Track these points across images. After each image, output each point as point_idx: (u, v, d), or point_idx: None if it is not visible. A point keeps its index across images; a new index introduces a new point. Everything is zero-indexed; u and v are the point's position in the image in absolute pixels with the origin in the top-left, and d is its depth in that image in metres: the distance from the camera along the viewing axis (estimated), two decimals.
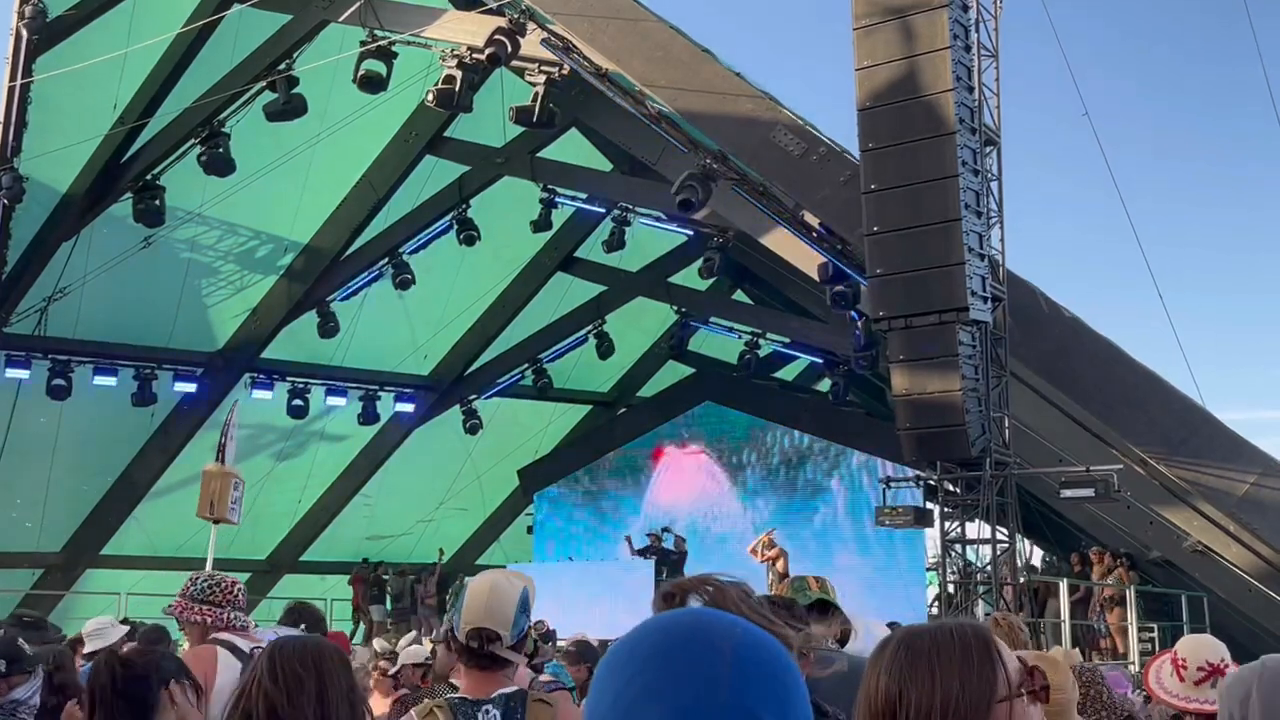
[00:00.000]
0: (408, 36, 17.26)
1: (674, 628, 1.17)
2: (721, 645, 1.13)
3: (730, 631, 1.16)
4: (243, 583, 4.90)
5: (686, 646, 1.14)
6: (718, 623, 1.18)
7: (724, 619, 1.19)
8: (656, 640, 1.16)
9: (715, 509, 25.80)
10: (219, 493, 8.40)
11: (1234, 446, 16.13)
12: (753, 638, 1.16)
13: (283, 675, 2.60)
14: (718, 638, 1.14)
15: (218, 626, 4.50)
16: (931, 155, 13.85)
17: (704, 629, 1.16)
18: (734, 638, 1.15)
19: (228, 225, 21.35)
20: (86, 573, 23.07)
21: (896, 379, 14.61)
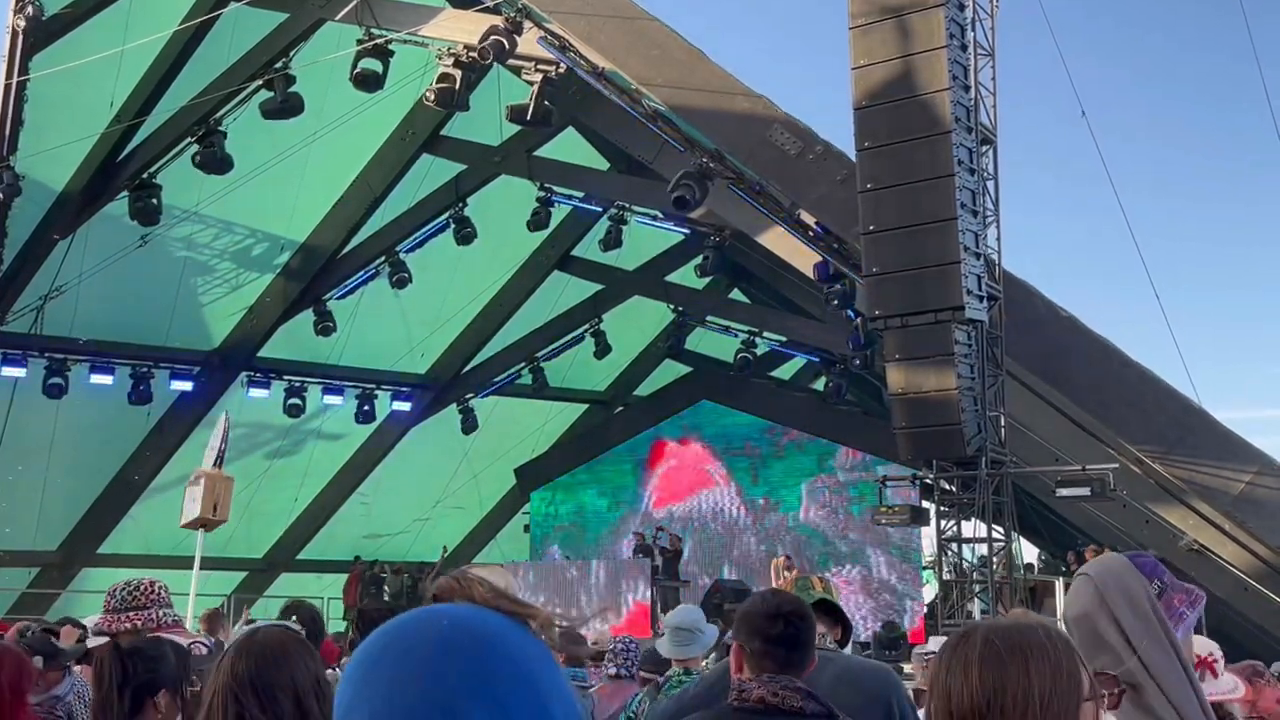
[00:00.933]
0: (404, 35, 17.26)
1: (379, 635, 1.15)
2: (414, 644, 1.11)
3: (433, 626, 1.13)
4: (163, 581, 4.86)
5: (382, 653, 1.12)
6: (422, 621, 1.14)
7: (432, 615, 1.15)
8: (369, 645, 1.14)
9: (711, 507, 25.80)
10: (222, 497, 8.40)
11: (1230, 445, 16.16)
12: (458, 628, 1.13)
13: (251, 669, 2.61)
14: (414, 636, 1.12)
15: (150, 628, 4.42)
16: (928, 154, 13.88)
17: (403, 631, 1.14)
18: (435, 632, 1.12)
19: (224, 224, 21.33)
20: (83, 571, 23.04)
21: (892, 378, 14.63)
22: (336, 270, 22.67)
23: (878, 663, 4.95)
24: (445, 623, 1.13)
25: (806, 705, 2.91)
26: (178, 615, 4.71)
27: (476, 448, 26.37)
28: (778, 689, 2.94)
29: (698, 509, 25.89)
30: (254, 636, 2.68)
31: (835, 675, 3.68)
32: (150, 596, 4.55)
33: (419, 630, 1.13)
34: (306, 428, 24.43)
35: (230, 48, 18.48)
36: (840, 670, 3.76)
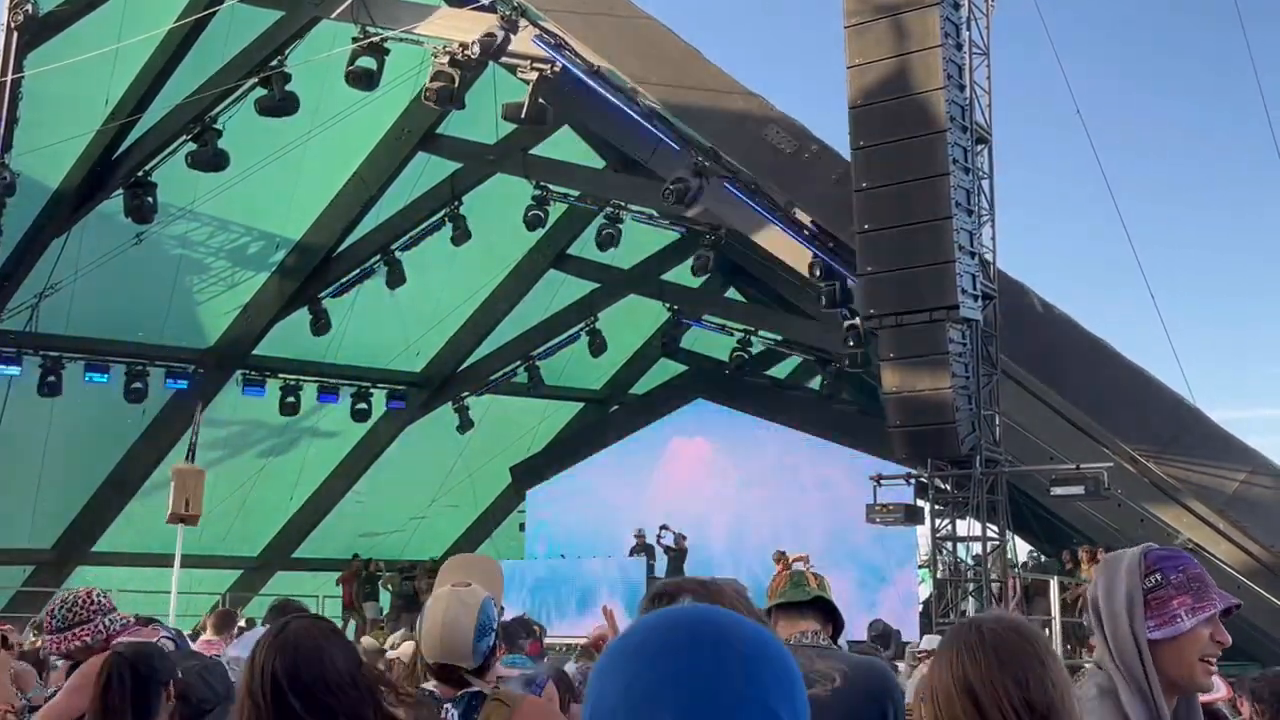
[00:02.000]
0: (400, 33, 17.25)
1: (676, 623, 1.15)
2: (730, 638, 1.12)
3: (736, 626, 1.14)
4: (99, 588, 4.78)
5: (694, 640, 1.12)
6: (721, 617, 1.16)
7: (727, 614, 1.17)
8: (661, 636, 1.14)
9: (707, 506, 25.79)
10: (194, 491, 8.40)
11: (1223, 444, 16.20)
12: (758, 632, 1.15)
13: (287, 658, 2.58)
14: (725, 631, 1.13)
15: (101, 639, 4.36)
16: (922, 153, 13.90)
17: (709, 623, 1.15)
18: (740, 632, 1.14)
19: (219, 222, 21.32)
20: (77, 570, 23.02)
21: (887, 377, 14.64)
22: (332, 269, 22.66)
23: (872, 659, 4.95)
24: (749, 626, 1.16)
25: None
26: (125, 619, 4.62)
27: (472, 446, 26.37)
28: None
29: (693, 508, 25.87)
30: (283, 632, 2.65)
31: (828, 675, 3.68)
32: (91, 608, 4.45)
33: (730, 628, 1.14)
34: (301, 426, 24.42)
35: (226, 45, 18.46)
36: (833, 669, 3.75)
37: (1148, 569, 2.36)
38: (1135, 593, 2.33)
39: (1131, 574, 2.35)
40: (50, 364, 20.48)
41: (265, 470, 23.74)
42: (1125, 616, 2.32)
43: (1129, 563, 2.39)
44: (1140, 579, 2.34)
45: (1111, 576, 2.40)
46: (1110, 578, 2.40)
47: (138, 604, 15.09)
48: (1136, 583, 2.34)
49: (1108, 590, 2.38)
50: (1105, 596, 2.38)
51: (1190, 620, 2.32)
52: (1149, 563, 2.37)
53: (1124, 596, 2.34)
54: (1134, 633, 2.30)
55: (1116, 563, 2.43)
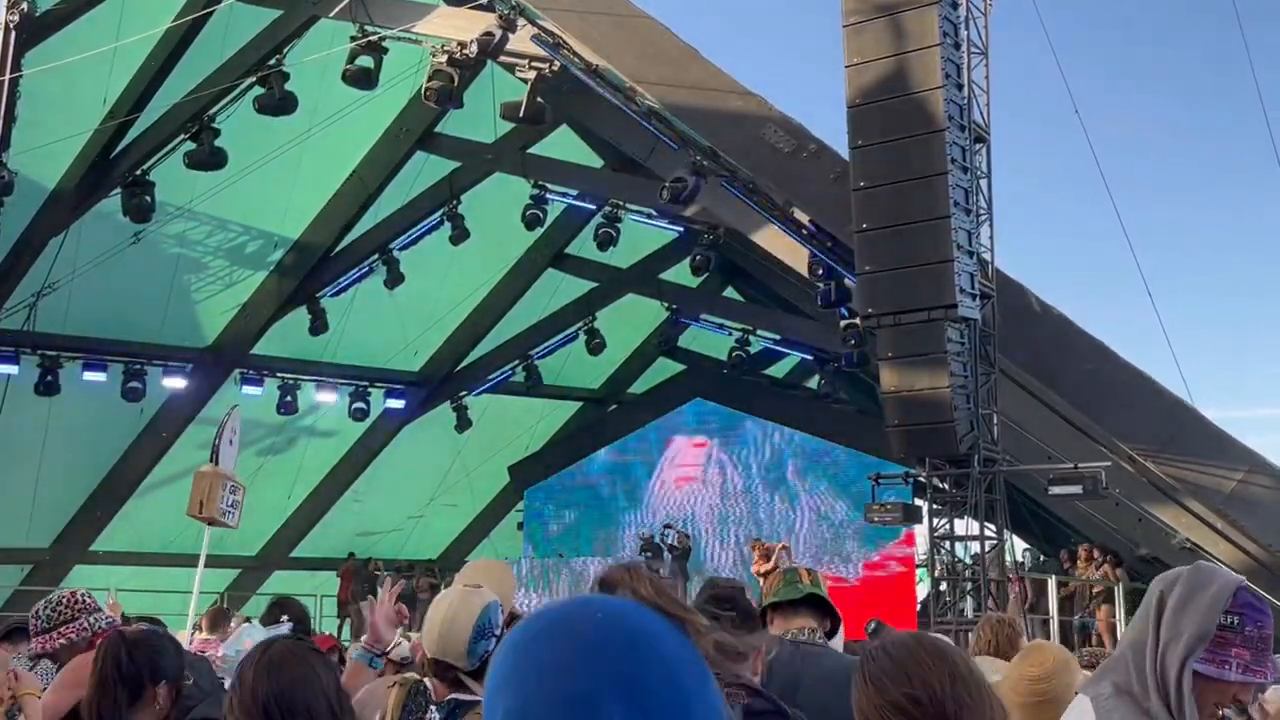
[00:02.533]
0: (398, 32, 17.24)
1: (539, 617, 1.15)
2: (576, 629, 1.11)
3: (592, 615, 1.12)
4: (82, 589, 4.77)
5: (544, 634, 1.12)
6: (584, 608, 1.14)
7: (593, 603, 1.15)
8: (521, 631, 1.14)
9: (706, 505, 25.81)
10: (208, 493, 8.38)
11: (1221, 444, 16.21)
12: (616, 619, 1.12)
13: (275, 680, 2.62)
14: (576, 623, 1.12)
15: (86, 638, 4.36)
16: (921, 152, 13.90)
17: (565, 615, 1.14)
18: (594, 621, 1.11)
19: (217, 221, 21.30)
20: (75, 569, 22.99)
21: (885, 376, 14.65)
22: (330, 268, 22.65)
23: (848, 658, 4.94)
24: (600, 615, 1.13)
25: (753, 703, 2.90)
26: (109, 618, 4.61)
27: (470, 445, 26.36)
28: (722, 686, 2.92)
29: (690, 507, 25.89)
30: (269, 653, 2.67)
31: (820, 675, 3.67)
32: (76, 608, 4.45)
33: (576, 619, 1.13)
34: (300, 425, 24.41)
35: (224, 44, 18.45)
36: (826, 670, 3.74)
37: (1232, 606, 2.32)
38: (1209, 626, 2.30)
39: (1215, 605, 2.32)
40: (48, 363, 20.47)
41: (263, 469, 23.71)
42: (1185, 642, 2.29)
43: (1218, 591, 2.33)
44: (1221, 613, 2.31)
45: (1193, 592, 2.35)
46: (1191, 593, 2.35)
47: (136, 603, 15.07)
48: (1215, 616, 2.31)
49: (1183, 603, 2.34)
50: (1177, 607, 2.35)
51: (1236, 675, 2.30)
52: (1235, 603, 2.33)
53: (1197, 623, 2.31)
54: (1185, 660, 2.28)
55: (1206, 581, 2.36)
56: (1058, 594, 16.15)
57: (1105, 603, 17.04)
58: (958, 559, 15.89)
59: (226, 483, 8.64)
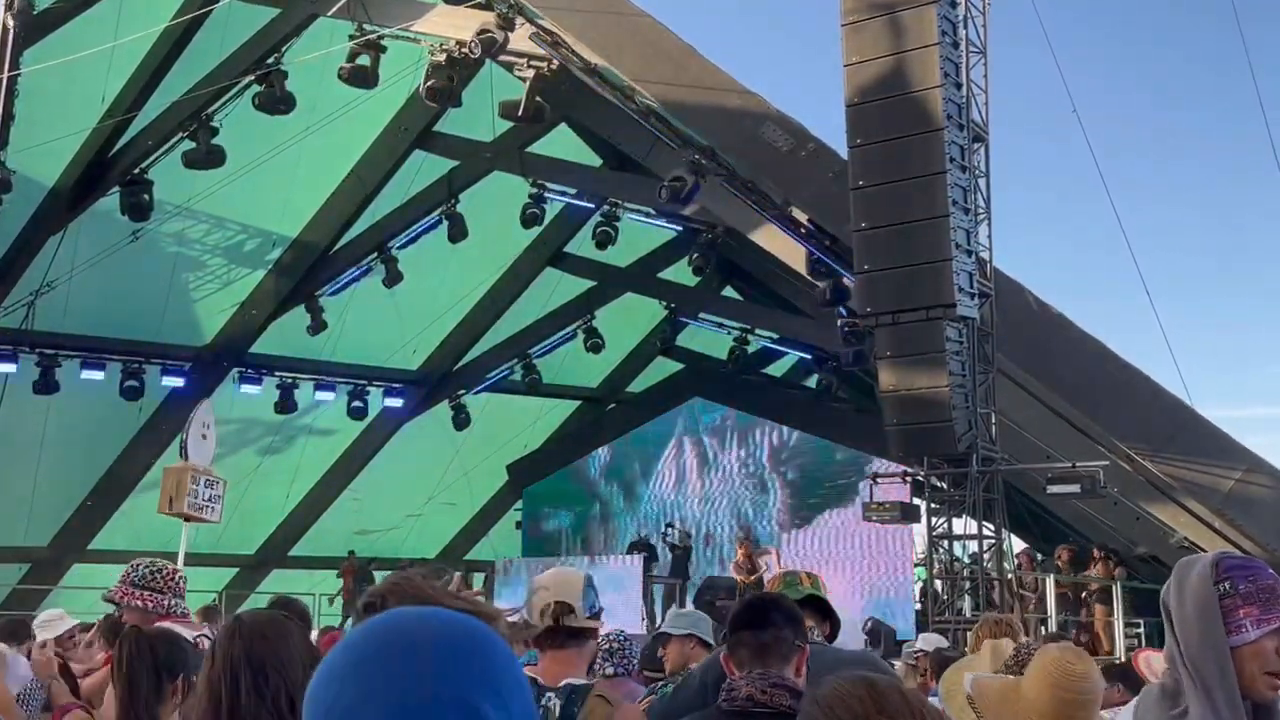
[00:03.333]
0: (396, 31, 17.24)
1: (368, 635, 1.15)
2: (419, 639, 1.13)
3: (424, 625, 1.15)
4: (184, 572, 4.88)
5: (382, 651, 1.12)
6: (410, 620, 1.17)
7: (417, 614, 1.19)
8: (354, 652, 1.14)
9: (704, 504, 25.82)
10: (177, 489, 8.35)
11: (1219, 443, 16.21)
12: (449, 626, 1.16)
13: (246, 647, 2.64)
14: (412, 635, 1.14)
15: (158, 613, 4.46)
16: (919, 151, 13.90)
17: (397, 629, 1.15)
18: (429, 630, 1.14)
19: (216, 219, 21.30)
20: (74, 567, 23.01)
21: (884, 375, 14.66)
22: (328, 266, 22.65)
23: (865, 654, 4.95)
24: (438, 622, 1.15)
25: (797, 704, 2.82)
26: (185, 608, 4.74)
27: (468, 444, 26.36)
28: (766, 686, 2.89)
29: (688, 506, 25.90)
30: (241, 618, 2.72)
31: (819, 669, 3.68)
32: (168, 583, 4.61)
33: (419, 629, 1.15)
34: (298, 424, 24.41)
35: (222, 43, 18.44)
36: (828, 665, 3.75)
37: (1218, 576, 2.36)
38: (1210, 600, 2.33)
39: (1204, 581, 2.36)
40: (46, 361, 20.47)
41: (262, 468, 23.73)
42: (1197, 623, 2.33)
43: (1200, 569, 2.39)
44: (1211, 585, 2.35)
45: (1182, 581, 2.42)
46: (1181, 583, 2.42)
47: None
48: (1210, 589, 2.35)
49: (1179, 597, 2.40)
50: (1177, 603, 2.40)
51: (1255, 631, 2.31)
52: (1220, 570, 2.37)
53: (1197, 603, 2.35)
54: (1213, 640, 2.31)
55: (1188, 568, 2.43)
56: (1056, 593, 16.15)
57: (1101, 602, 17.04)
58: (955, 558, 15.90)
59: (201, 477, 8.58)
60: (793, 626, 3.12)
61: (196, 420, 8.88)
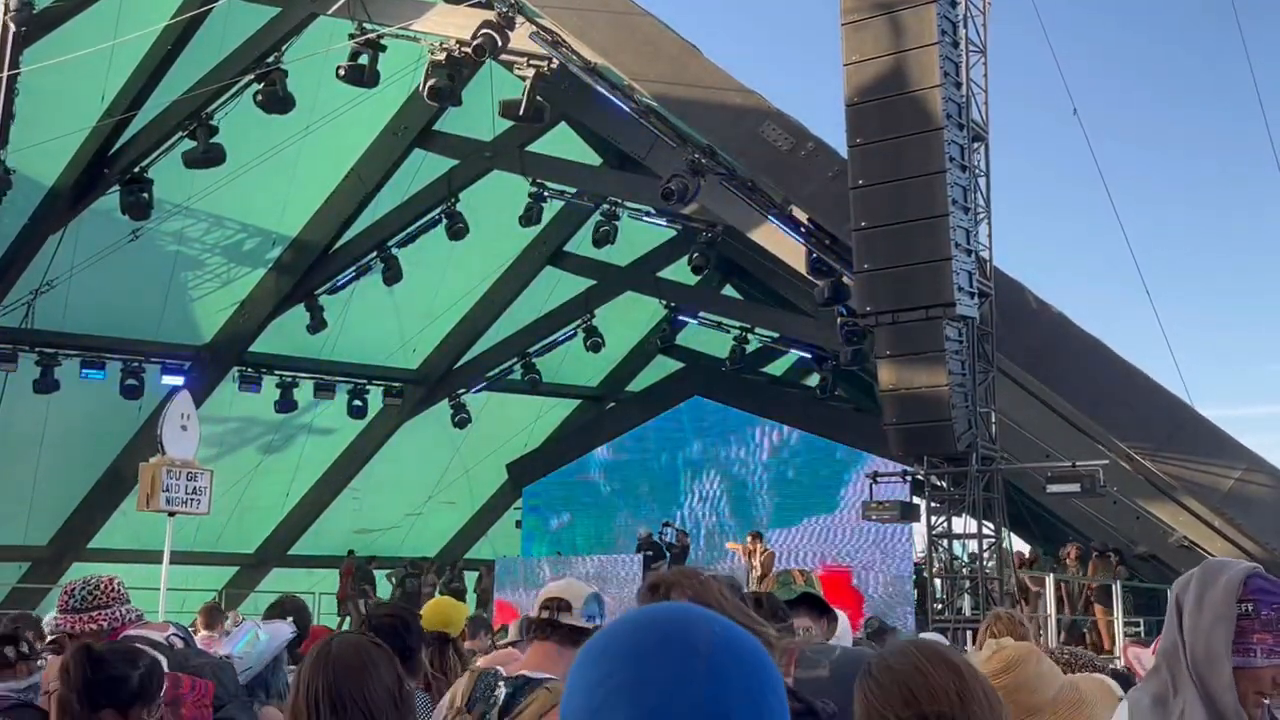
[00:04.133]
0: (396, 30, 17.24)
1: (650, 624, 1.14)
2: (697, 642, 1.11)
3: (707, 628, 1.13)
4: (119, 576, 4.74)
5: (662, 644, 1.11)
6: (695, 619, 1.14)
7: (702, 615, 1.15)
8: (631, 637, 1.13)
9: (704, 503, 25.81)
10: (152, 485, 8.31)
11: (1219, 442, 16.20)
12: (730, 635, 1.13)
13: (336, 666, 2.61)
14: (694, 635, 1.11)
15: (115, 627, 4.34)
16: (919, 151, 13.90)
17: (680, 625, 1.13)
18: (710, 635, 1.12)
19: (215, 218, 21.30)
20: (74, 566, 22.98)
21: (883, 374, 14.67)
22: (328, 265, 22.64)
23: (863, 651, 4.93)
24: (716, 628, 1.13)
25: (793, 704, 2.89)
26: (139, 611, 4.60)
27: (468, 443, 26.37)
28: None
29: (692, 505, 25.90)
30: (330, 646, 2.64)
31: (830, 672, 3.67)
32: (111, 595, 4.43)
33: (698, 629, 1.13)
34: (298, 423, 24.41)
35: (222, 42, 18.45)
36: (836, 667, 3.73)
37: (1244, 595, 2.34)
38: (1228, 616, 2.31)
39: (1228, 596, 2.34)
40: (46, 361, 20.47)
41: (262, 467, 23.73)
42: (1208, 635, 2.32)
43: (1227, 582, 2.36)
44: (1234, 602, 2.33)
45: (1205, 589, 2.37)
46: (1203, 589, 2.38)
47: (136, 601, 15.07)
48: (1231, 606, 2.32)
49: (1198, 601, 2.37)
50: (1194, 607, 2.37)
51: (1263, 660, 2.32)
52: (1247, 590, 2.34)
53: (1214, 616, 2.33)
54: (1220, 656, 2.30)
55: (1215, 575, 2.39)
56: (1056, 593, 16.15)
57: (1100, 602, 17.03)
58: (955, 557, 15.90)
59: (180, 470, 8.52)
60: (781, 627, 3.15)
61: (172, 413, 8.81)
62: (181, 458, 8.51)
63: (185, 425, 8.72)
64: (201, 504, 8.53)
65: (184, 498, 8.32)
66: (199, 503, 8.47)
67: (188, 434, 8.70)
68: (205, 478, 8.61)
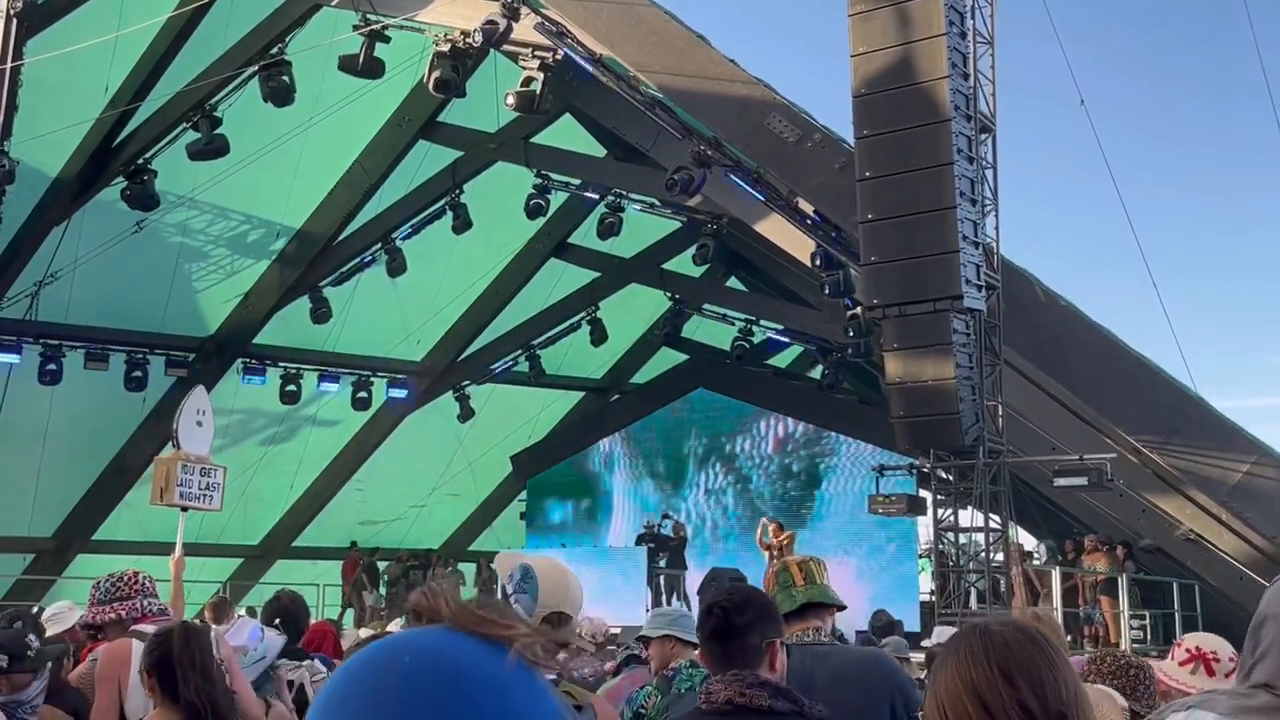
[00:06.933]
0: (400, 20, 17.17)
1: (350, 670, 1.03)
2: (390, 681, 0.99)
3: (398, 662, 1.00)
4: (147, 571, 4.98)
5: (353, 694, 1.00)
6: (390, 654, 1.01)
7: (400, 646, 1.02)
8: (335, 686, 1.03)
9: (708, 496, 25.79)
10: (167, 479, 8.26)
11: (1228, 434, 16.14)
12: (423, 667, 1.00)
13: None
14: (388, 673, 1.00)
15: (134, 618, 4.56)
16: (926, 142, 13.83)
17: (375, 666, 1.01)
18: (401, 670, 0.99)
19: (219, 209, 21.25)
20: (78, 557, 23.03)
21: (890, 367, 14.61)
22: (332, 257, 22.60)
23: (874, 652, 4.87)
24: (407, 659, 1.00)
25: (775, 703, 2.84)
26: (162, 605, 4.85)
27: (472, 435, 26.34)
28: (744, 688, 2.88)
29: (695, 497, 25.88)
30: None
31: (832, 673, 3.62)
32: (134, 587, 4.71)
33: (382, 671, 1.00)
34: (302, 414, 24.37)
35: (226, 33, 18.38)
36: (837, 668, 3.69)
37: None
38: None
39: None
40: (50, 352, 20.45)
41: (266, 459, 23.71)
42: None
43: None
44: None
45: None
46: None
47: None
48: None
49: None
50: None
51: None
52: None
53: None
54: None
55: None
56: (1061, 585, 16.12)
57: (1107, 594, 16.99)
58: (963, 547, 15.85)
59: (194, 465, 8.48)
60: (761, 627, 3.10)
61: (189, 408, 8.72)
62: (196, 453, 8.45)
63: (201, 421, 8.64)
64: (214, 500, 8.45)
65: (197, 493, 8.25)
66: (212, 499, 8.39)
67: (203, 429, 8.62)
68: (219, 474, 8.54)
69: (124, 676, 4.27)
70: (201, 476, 8.39)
